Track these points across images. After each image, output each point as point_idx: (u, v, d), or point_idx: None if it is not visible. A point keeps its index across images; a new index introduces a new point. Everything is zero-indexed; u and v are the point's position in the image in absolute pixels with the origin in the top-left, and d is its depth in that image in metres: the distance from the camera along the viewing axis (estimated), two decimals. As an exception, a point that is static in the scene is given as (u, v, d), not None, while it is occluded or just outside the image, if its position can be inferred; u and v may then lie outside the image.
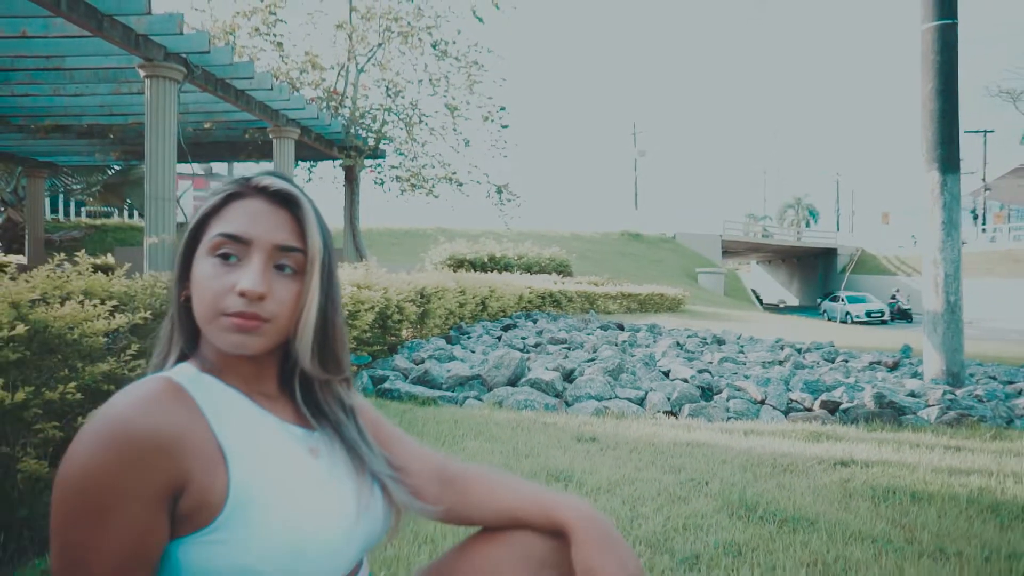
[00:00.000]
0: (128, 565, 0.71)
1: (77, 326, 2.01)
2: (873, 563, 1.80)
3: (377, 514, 0.88)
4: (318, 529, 0.79)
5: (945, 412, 4.05)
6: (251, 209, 0.82)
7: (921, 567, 1.79)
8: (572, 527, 0.86)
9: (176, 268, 0.86)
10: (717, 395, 4.30)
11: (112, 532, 0.70)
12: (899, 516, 2.22)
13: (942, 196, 5.43)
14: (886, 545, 1.94)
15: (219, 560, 0.74)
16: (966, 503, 2.35)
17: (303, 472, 0.82)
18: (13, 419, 1.83)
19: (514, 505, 0.91)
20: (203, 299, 0.80)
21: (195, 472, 0.74)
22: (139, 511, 0.70)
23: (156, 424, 0.72)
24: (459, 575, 0.91)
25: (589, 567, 0.82)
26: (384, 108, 13.48)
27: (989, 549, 1.92)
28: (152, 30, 6.61)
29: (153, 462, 0.71)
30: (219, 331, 0.80)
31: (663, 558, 1.79)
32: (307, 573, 0.78)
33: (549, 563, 0.87)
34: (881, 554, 1.87)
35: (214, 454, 0.76)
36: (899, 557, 1.85)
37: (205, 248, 0.82)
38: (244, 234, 0.80)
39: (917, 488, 2.52)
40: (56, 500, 0.71)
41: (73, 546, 0.70)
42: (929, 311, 5.55)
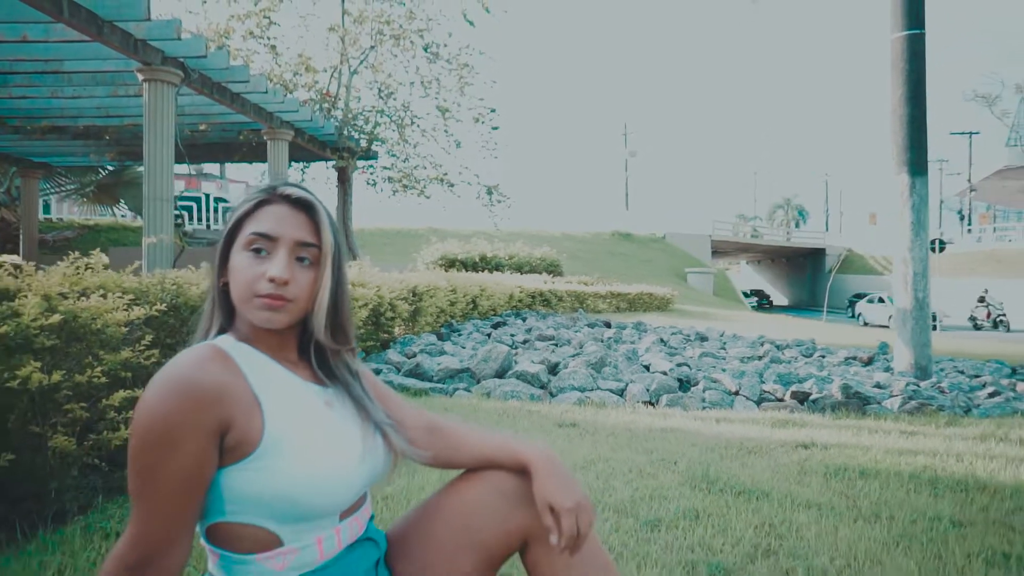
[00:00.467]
0: (185, 485, 0.92)
1: (100, 317, 2.22)
2: (814, 524, 2.04)
3: (378, 456, 1.10)
4: (332, 464, 1.01)
5: (907, 402, 4.30)
6: (277, 213, 1.04)
7: (854, 527, 2.02)
8: (533, 465, 1.08)
9: (216, 260, 1.07)
10: (694, 387, 4.54)
11: (175, 459, 0.91)
12: (846, 489, 2.45)
13: (911, 198, 5.69)
14: (828, 511, 2.17)
15: (254, 485, 0.96)
16: (908, 478, 2.59)
17: (320, 420, 1.04)
18: (46, 400, 2.03)
19: (488, 450, 1.13)
20: (240, 284, 1.02)
21: (237, 416, 0.95)
22: (195, 444, 0.92)
23: (207, 378, 0.94)
24: (447, 509, 1.13)
25: (545, 495, 1.04)
26: (376, 110, 13.68)
27: (917, 514, 2.15)
28: (151, 35, 6.79)
29: (206, 407, 0.93)
30: (253, 309, 1.01)
31: (629, 521, 2.01)
32: (322, 498, 0.99)
33: (516, 495, 1.09)
34: (822, 518, 2.10)
35: (252, 403, 0.97)
36: (837, 520, 2.08)
37: (241, 244, 1.03)
38: (272, 233, 1.02)
39: (867, 466, 2.76)
40: (133, 434, 0.92)
41: (145, 469, 0.91)
42: (899, 308, 5.82)
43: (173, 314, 2.77)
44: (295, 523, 0.99)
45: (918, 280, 5.71)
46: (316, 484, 0.98)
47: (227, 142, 12.19)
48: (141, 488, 0.92)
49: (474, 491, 1.11)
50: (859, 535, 1.96)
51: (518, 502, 1.09)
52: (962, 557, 1.81)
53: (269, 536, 0.98)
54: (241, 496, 0.97)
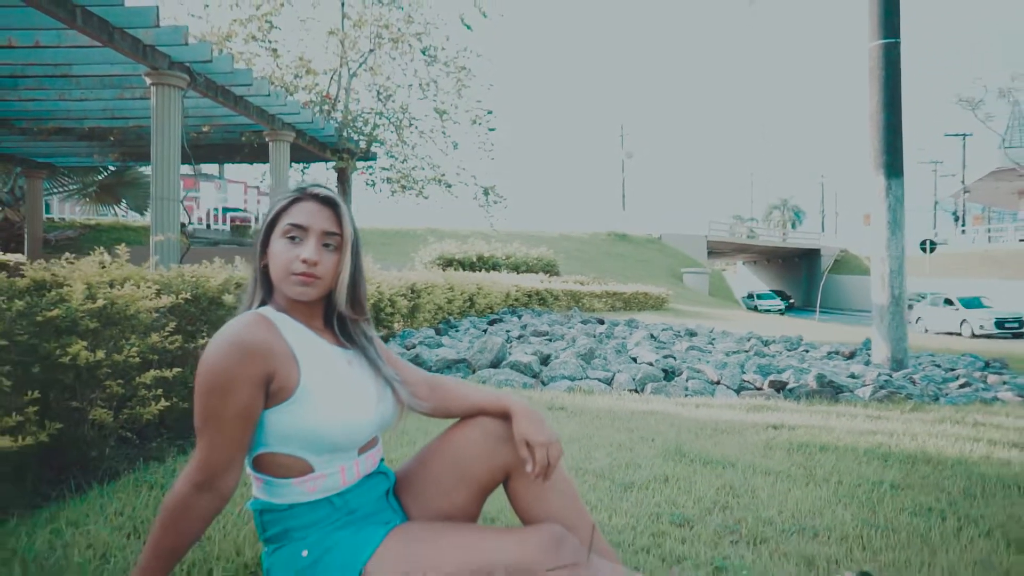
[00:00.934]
0: (239, 422, 1.18)
1: (132, 304, 2.47)
2: (769, 487, 2.30)
3: (388, 406, 1.36)
4: (352, 408, 1.27)
5: (878, 390, 4.57)
6: (308, 208, 1.29)
7: (805, 490, 2.28)
8: (513, 410, 1.34)
9: (257, 247, 1.33)
10: (678, 377, 4.80)
11: (231, 400, 1.17)
12: (805, 461, 2.71)
13: (887, 199, 5.96)
14: (785, 478, 2.43)
15: (292, 423, 1.22)
16: (863, 453, 2.86)
17: (342, 374, 1.29)
18: (88, 376, 2.28)
19: (477, 400, 1.39)
20: (279, 265, 1.28)
21: (279, 368, 1.21)
22: (247, 390, 1.18)
23: (256, 338, 1.20)
24: (444, 450, 1.39)
25: (522, 433, 1.30)
26: (375, 112, 13.93)
27: (863, 479, 2.42)
28: (159, 41, 7.04)
29: (255, 361, 1.19)
30: (289, 284, 1.27)
31: (605, 483, 2.27)
32: (344, 434, 1.25)
33: (500, 436, 1.35)
34: (778, 482, 2.36)
35: (290, 358, 1.23)
36: (791, 484, 2.35)
37: (279, 233, 1.29)
38: (304, 224, 1.28)
39: (827, 443, 3.03)
40: (197, 383, 1.18)
41: (209, 410, 1.17)
42: (876, 303, 6.09)
43: (194, 303, 3.02)
44: (323, 454, 1.25)
45: (894, 277, 5.98)
46: (339, 423, 1.24)
47: (229, 143, 12.42)
48: (205, 424, 1.18)
49: (466, 434, 1.37)
50: (807, 495, 2.22)
51: (501, 442, 1.35)
52: (893, 511, 2.07)
53: (303, 464, 1.25)
54: (281, 432, 1.23)
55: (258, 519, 1.30)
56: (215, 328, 3.12)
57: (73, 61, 7.85)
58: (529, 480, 1.34)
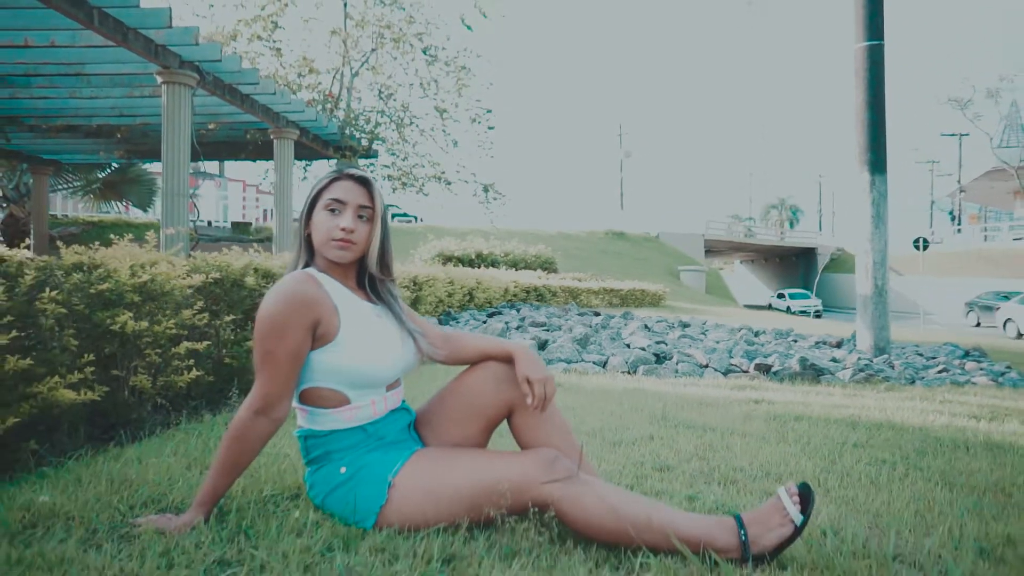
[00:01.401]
0: (291, 360, 1.44)
1: (168, 281, 2.73)
2: (744, 445, 2.56)
3: (410, 353, 1.61)
4: (380, 351, 1.53)
5: (857, 373, 4.83)
6: (345, 186, 1.55)
7: (776, 448, 2.54)
8: (516, 354, 1.59)
9: (302, 218, 1.59)
10: (668, 360, 5.06)
11: (285, 342, 1.43)
12: (779, 427, 2.97)
13: (871, 194, 6.23)
14: (759, 439, 2.69)
15: (332, 361, 1.47)
16: (834, 421, 3.12)
17: (373, 324, 1.55)
18: (131, 345, 2.54)
19: (485, 347, 1.65)
20: (321, 232, 1.53)
21: (323, 316, 1.47)
22: (298, 333, 1.44)
23: (305, 291, 1.46)
24: (457, 390, 1.65)
25: (523, 371, 1.56)
26: (377, 110, 14.19)
27: (830, 440, 2.68)
28: (170, 41, 7.29)
29: (304, 309, 1.44)
30: (330, 249, 1.53)
31: (596, 440, 2.53)
32: (374, 372, 1.51)
33: (505, 377, 1.61)
34: (752, 442, 2.62)
35: (332, 309, 1.49)
36: (763, 443, 2.61)
37: (321, 206, 1.55)
38: (343, 199, 1.53)
39: (803, 414, 3.29)
40: (257, 327, 1.44)
41: (266, 349, 1.43)
42: (861, 294, 6.35)
43: (218, 285, 3.28)
44: (357, 389, 1.51)
45: (877, 268, 6.25)
46: (371, 363, 1.50)
47: (233, 141, 12.67)
48: (263, 362, 1.44)
49: (475, 376, 1.63)
50: (777, 451, 2.48)
51: (506, 382, 1.61)
52: (851, 462, 2.33)
53: (341, 397, 1.50)
54: (324, 369, 1.49)
55: (303, 444, 1.56)
56: (238, 307, 3.39)
57: (86, 60, 8.10)
58: (528, 413, 1.60)
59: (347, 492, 1.48)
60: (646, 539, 1.38)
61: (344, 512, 1.48)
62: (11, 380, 1.94)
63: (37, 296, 2.13)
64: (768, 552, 1.39)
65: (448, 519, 1.44)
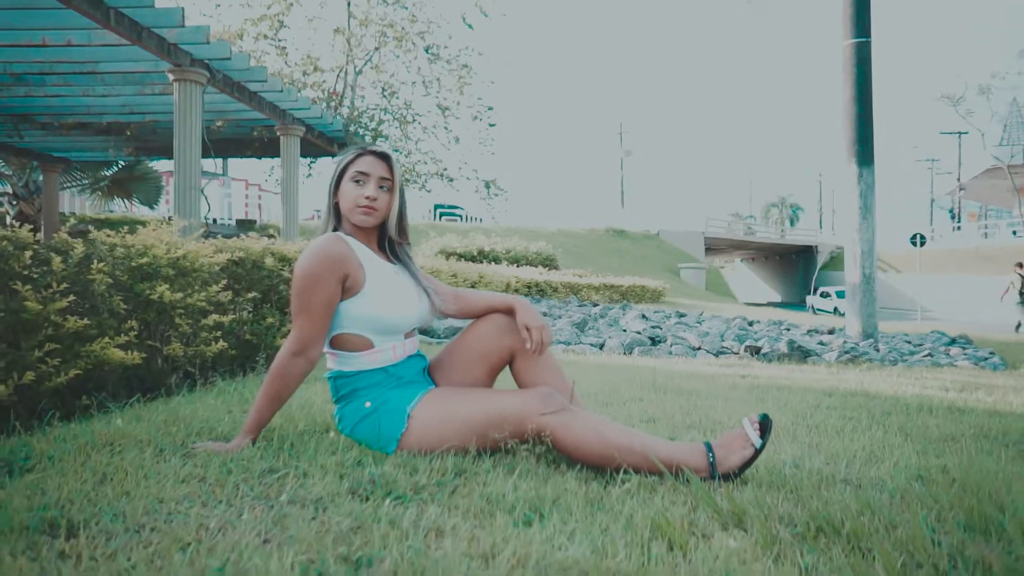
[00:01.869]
0: (324, 308, 1.68)
1: (198, 258, 2.97)
2: (725, 407, 2.80)
3: (424, 307, 1.86)
4: (400, 303, 1.77)
5: (843, 355, 5.07)
6: (369, 160, 1.79)
7: (755, 407, 2.78)
8: (516, 306, 1.83)
9: (330, 189, 1.83)
10: (663, 343, 5.31)
11: (319, 293, 1.67)
12: (762, 395, 3.21)
13: (859, 185, 6.47)
14: (741, 403, 2.93)
15: (359, 310, 1.72)
16: (812, 391, 3.36)
17: (393, 280, 1.80)
18: (166, 315, 2.78)
19: (490, 302, 1.89)
20: (348, 200, 1.77)
21: (351, 271, 1.71)
22: (330, 285, 1.68)
23: (336, 249, 1.70)
24: (466, 339, 1.89)
25: (523, 320, 1.80)
26: (380, 108, 14.43)
27: (807, 403, 2.92)
28: (182, 39, 7.53)
29: (335, 265, 1.69)
30: (355, 214, 1.77)
31: (590, 401, 2.77)
32: (394, 321, 1.76)
33: (507, 326, 1.85)
34: (733, 405, 2.86)
35: (358, 265, 1.73)
36: (744, 405, 2.85)
37: (348, 178, 1.79)
38: (367, 171, 1.78)
39: (785, 386, 3.53)
40: (295, 281, 1.68)
41: (302, 299, 1.67)
42: (849, 282, 6.59)
43: (240, 265, 3.52)
44: (380, 335, 1.76)
45: (865, 257, 6.49)
46: (391, 312, 1.75)
47: (239, 138, 12.91)
48: (300, 310, 1.68)
49: (482, 327, 1.87)
50: (755, 410, 2.72)
51: (507, 331, 1.85)
52: (821, 418, 2.57)
53: (366, 341, 1.75)
54: (351, 317, 1.73)
55: (332, 384, 1.80)
56: (257, 286, 3.64)
57: (100, 59, 8.34)
58: (527, 357, 1.84)
59: (372, 423, 1.72)
60: (628, 461, 1.62)
61: (369, 439, 1.72)
62: (70, 339, 2.19)
63: (87, 266, 2.37)
64: (733, 471, 1.63)
65: (459, 444, 1.68)
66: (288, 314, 3.86)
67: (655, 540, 1.21)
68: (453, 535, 1.18)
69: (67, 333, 2.16)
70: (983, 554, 1.17)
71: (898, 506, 1.47)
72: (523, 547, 1.13)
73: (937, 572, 1.16)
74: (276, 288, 3.75)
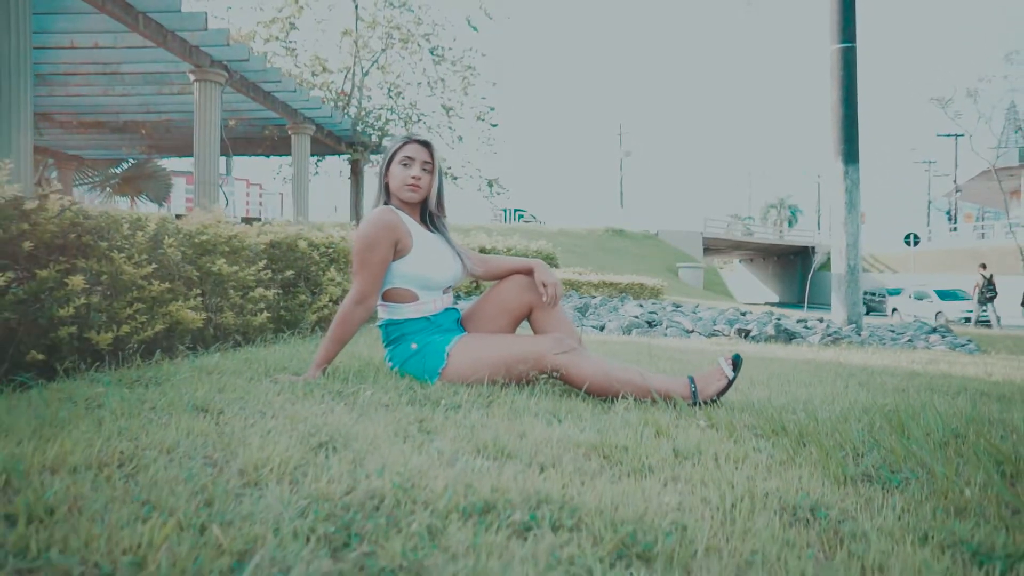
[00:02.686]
0: (379, 266, 2.08)
1: (247, 238, 3.36)
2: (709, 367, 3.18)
3: (458, 268, 2.25)
4: (440, 264, 2.17)
5: (826, 337, 5.46)
6: (414, 147, 2.19)
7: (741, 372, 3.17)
8: (534, 266, 2.23)
9: (382, 171, 2.22)
10: (659, 326, 5.70)
11: (376, 254, 2.06)
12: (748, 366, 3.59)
13: (844, 182, 6.86)
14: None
15: (407, 268, 2.12)
16: (791, 361, 3.75)
17: (434, 245, 2.19)
18: (220, 286, 3.17)
19: (512, 265, 2.28)
20: (397, 180, 2.17)
21: (401, 237, 2.11)
22: (385, 247, 2.07)
23: (389, 218, 2.09)
24: (491, 296, 2.28)
25: (540, 277, 2.19)
26: (386, 108, 14.82)
27: (785, 368, 3.31)
28: (204, 42, 7.93)
29: (389, 231, 2.08)
30: (403, 191, 2.17)
31: (593, 364, 3.16)
32: (434, 278, 2.15)
33: (526, 284, 2.24)
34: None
35: (406, 232, 2.13)
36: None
37: (397, 161, 2.18)
38: (412, 156, 2.17)
39: (767, 357, 3.92)
40: (356, 243, 2.07)
41: (363, 259, 2.07)
42: (836, 273, 6.99)
43: (276, 247, 3.91)
44: (424, 289, 2.15)
45: (850, 250, 6.88)
46: (432, 271, 2.14)
47: (250, 136, 13.32)
48: (360, 268, 2.08)
49: (506, 286, 2.27)
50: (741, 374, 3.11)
51: (528, 289, 2.24)
52: (796, 375, 2.97)
53: (412, 294, 2.14)
54: (400, 274, 2.12)
55: (384, 331, 2.19)
56: (292, 266, 4.02)
57: (124, 60, 8.74)
58: (543, 310, 2.23)
59: (418, 360, 2.11)
60: (627, 391, 2.01)
61: (416, 373, 2.11)
62: (152, 301, 2.58)
63: (160, 241, 2.76)
64: (711, 398, 2.03)
65: (489, 378, 2.07)
66: (317, 292, 4.26)
67: (646, 429, 1.61)
68: (493, 425, 1.57)
69: (150, 295, 2.55)
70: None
71: (840, 421, 1.86)
72: (547, 432, 1.52)
73: (857, 453, 1.55)
74: (307, 269, 4.14)
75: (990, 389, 2.74)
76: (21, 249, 2.10)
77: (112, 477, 1.02)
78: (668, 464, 1.34)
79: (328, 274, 4.31)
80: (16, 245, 2.08)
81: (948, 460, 1.40)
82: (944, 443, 1.59)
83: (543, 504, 1.04)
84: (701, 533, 0.97)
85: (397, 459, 1.19)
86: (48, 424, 1.29)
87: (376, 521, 0.92)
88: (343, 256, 4.62)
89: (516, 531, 0.94)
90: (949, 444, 1.58)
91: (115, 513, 0.87)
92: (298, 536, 0.85)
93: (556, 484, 1.14)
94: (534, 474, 1.20)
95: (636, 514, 1.02)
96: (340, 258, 4.61)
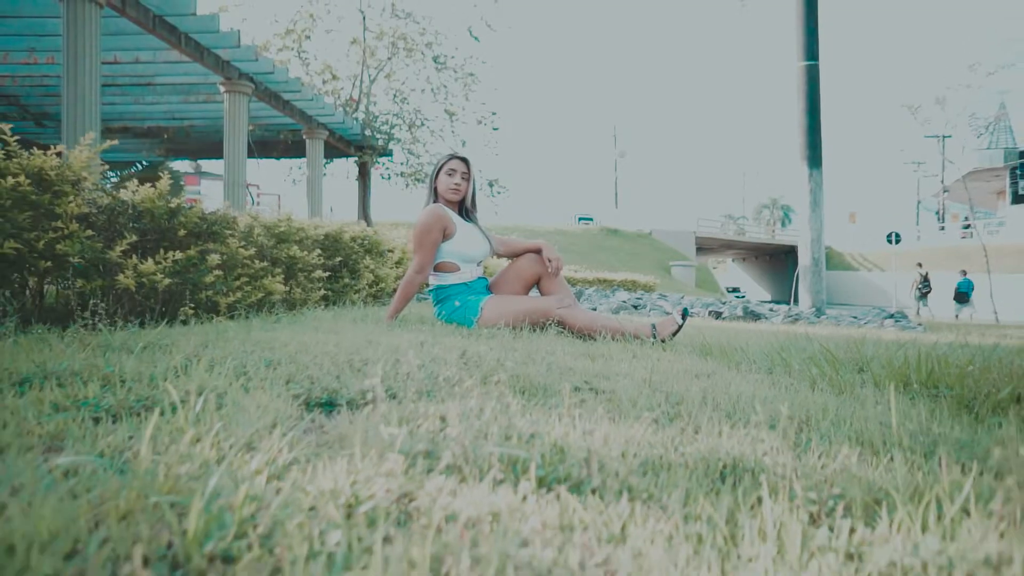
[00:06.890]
0: (432, 246, 2.95)
1: (311, 229, 4.20)
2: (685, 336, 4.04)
3: (487, 248, 3.11)
4: (476, 244, 3.04)
5: (787, 318, 6.33)
6: (456, 162, 3.05)
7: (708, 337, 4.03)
8: (542, 246, 3.09)
9: (432, 178, 3.08)
10: (643, 309, 6.56)
11: (430, 236, 2.93)
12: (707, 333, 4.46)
13: (810, 183, 7.74)
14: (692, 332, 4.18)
15: (453, 247, 2.99)
16: (748, 331, 4.61)
17: (471, 231, 3.06)
18: (293, 268, 4.01)
19: (525, 245, 3.14)
20: (444, 185, 3.04)
21: (448, 224, 2.97)
22: (436, 231, 2.94)
23: (440, 211, 2.96)
24: (510, 268, 3.13)
25: (546, 254, 3.05)
26: (392, 113, 15.66)
27: (749, 337, 4.17)
28: (234, 57, 8.76)
29: (439, 221, 2.95)
30: (448, 193, 3.03)
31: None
32: (472, 255, 3.02)
33: (536, 260, 3.09)
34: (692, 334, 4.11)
35: (452, 222, 2.99)
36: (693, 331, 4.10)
37: (443, 172, 3.04)
38: (455, 168, 3.04)
39: (729, 329, 4.78)
40: (416, 229, 2.94)
41: (421, 240, 2.93)
42: (802, 264, 7.87)
43: (328, 240, 4.75)
44: (464, 262, 3.02)
45: (815, 244, 7.76)
46: (470, 249, 3.01)
47: (266, 140, 14.12)
48: (419, 247, 2.94)
49: (521, 261, 3.13)
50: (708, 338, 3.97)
51: (537, 263, 3.10)
52: (754, 341, 3.82)
53: (455, 266, 3.01)
54: (448, 251, 2.99)
55: (435, 294, 3.05)
56: (340, 253, 4.86)
57: (159, 72, 9.56)
58: (548, 278, 3.09)
59: (460, 313, 2.97)
60: (608, 332, 2.87)
61: (458, 321, 2.97)
62: (252, 275, 3.42)
63: (251, 230, 3.61)
64: (666, 337, 2.89)
65: (512, 324, 2.92)
66: (357, 277, 5.10)
67: (618, 347, 2.47)
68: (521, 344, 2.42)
69: (250, 271, 3.39)
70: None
71: (752, 351, 2.71)
72: (554, 346, 2.38)
73: (752, 361, 2.40)
74: (349, 257, 4.99)
75: (898, 338, 3.60)
76: (177, 236, 2.94)
77: (277, 360, 1.87)
78: (628, 360, 2.20)
79: (364, 261, 5.15)
80: (174, 233, 2.93)
81: (804, 362, 2.25)
82: (810, 359, 2.44)
83: (554, 368, 1.89)
84: (642, 377, 1.83)
85: (466, 344, 2.05)
86: (213, 340, 2.14)
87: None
88: (375, 247, 5.47)
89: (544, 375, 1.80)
90: (813, 359, 2.44)
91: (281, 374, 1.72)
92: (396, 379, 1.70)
93: (564, 362, 1.99)
94: (551, 359, 2.05)
95: (604, 372, 1.88)
96: (373, 249, 5.46)
